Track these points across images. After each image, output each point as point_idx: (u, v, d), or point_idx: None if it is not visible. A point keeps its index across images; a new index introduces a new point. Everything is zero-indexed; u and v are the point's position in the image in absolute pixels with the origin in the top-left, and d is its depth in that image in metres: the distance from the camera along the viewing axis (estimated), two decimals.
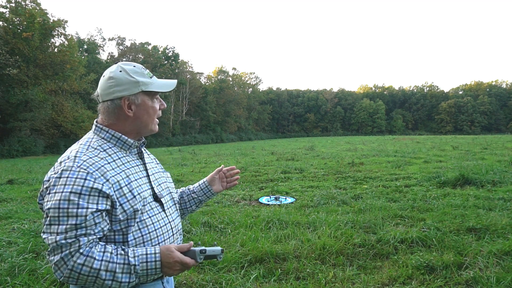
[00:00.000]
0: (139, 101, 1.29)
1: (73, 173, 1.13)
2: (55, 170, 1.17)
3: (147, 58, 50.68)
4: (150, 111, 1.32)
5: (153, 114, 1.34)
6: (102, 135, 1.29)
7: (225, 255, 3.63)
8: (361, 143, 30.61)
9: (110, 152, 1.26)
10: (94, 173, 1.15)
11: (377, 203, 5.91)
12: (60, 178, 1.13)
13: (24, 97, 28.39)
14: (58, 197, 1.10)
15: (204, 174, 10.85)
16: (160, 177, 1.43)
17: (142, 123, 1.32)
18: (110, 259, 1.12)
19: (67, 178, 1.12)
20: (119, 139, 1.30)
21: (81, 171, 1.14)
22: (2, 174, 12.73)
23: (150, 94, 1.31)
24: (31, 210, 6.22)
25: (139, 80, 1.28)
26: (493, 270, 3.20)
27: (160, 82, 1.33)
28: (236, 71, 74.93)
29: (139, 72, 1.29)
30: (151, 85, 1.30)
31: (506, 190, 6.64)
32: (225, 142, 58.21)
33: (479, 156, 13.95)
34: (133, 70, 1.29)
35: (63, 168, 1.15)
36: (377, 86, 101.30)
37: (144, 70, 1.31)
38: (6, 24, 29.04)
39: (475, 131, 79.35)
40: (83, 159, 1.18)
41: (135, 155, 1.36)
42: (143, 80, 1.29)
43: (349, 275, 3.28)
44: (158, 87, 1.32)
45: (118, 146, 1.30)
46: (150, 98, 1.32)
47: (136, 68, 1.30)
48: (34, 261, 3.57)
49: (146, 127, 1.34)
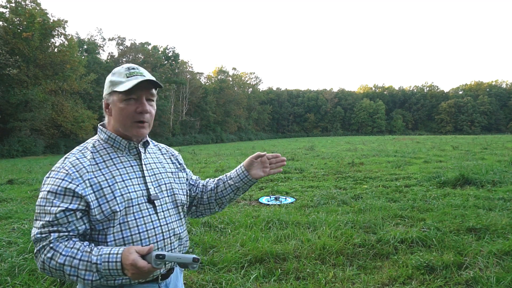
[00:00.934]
0: (111, 101, 1.31)
1: (56, 173, 1.22)
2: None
3: (147, 58, 50.66)
4: (120, 112, 1.28)
5: (124, 115, 1.27)
6: (101, 136, 1.35)
7: (225, 255, 3.64)
8: (361, 143, 30.61)
9: (102, 153, 1.30)
10: (73, 173, 1.21)
11: (377, 203, 5.91)
12: (47, 178, 1.23)
13: (24, 97, 28.39)
14: (40, 195, 1.21)
15: (204, 174, 10.85)
16: (162, 178, 1.38)
17: (117, 124, 1.30)
18: (75, 255, 1.13)
19: (50, 178, 1.22)
20: (115, 140, 1.32)
21: (62, 171, 1.21)
22: (2, 174, 12.73)
23: (124, 94, 1.26)
24: (31, 210, 6.22)
25: (112, 80, 1.29)
26: (493, 270, 3.20)
27: (129, 82, 1.25)
28: (236, 71, 75.02)
29: (118, 73, 1.30)
30: (119, 85, 1.26)
31: (506, 190, 6.64)
32: (225, 142, 58.20)
33: (479, 156, 13.95)
34: (116, 71, 1.31)
35: (52, 168, 1.26)
36: (377, 86, 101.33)
37: (126, 71, 1.29)
38: (6, 24, 29.05)
39: (475, 131, 79.34)
40: (70, 160, 1.25)
41: (134, 156, 1.35)
42: (116, 80, 1.28)
43: (349, 275, 3.28)
44: (122, 86, 1.25)
45: (115, 147, 1.32)
46: (121, 99, 1.26)
47: (121, 68, 1.31)
48: (34, 261, 3.57)
49: (122, 128, 1.30)
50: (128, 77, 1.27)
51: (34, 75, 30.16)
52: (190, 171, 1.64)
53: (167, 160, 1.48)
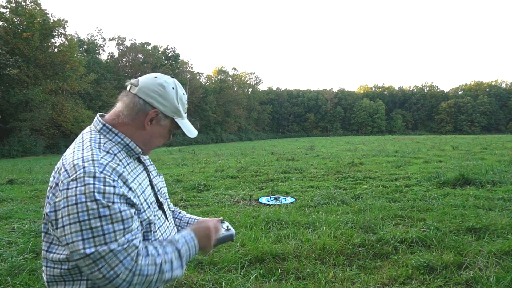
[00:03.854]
0: (163, 124, 1.23)
1: (99, 180, 1.01)
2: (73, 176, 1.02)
3: (147, 58, 50.66)
4: (161, 138, 1.27)
5: (160, 142, 1.28)
6: (110, 136, 1.18)
7: (225, 255, 3.64)
8: (361, 143, 30.60)
9: (120, 157, 1.16)
10: (119, 180, 1.06)
11: (377, 203, 5.91)
12: (84, 185, 1.00)
13: (24, 97, 28.41)
14: (93, 205, 0.98)
15: (204, 174, 10.85)
16: (158, 182, 1.39)
17: (147, 140, 1.24)
18: (166, 251, 1.13)
19: (94, 184, 1.00)
20: (128, 145, 1.20)
21: (107, 177, 1.03)
22: (2, 174, 12.73)
23: (172, 126, 1.27)
24: (31, 210, 6.23)
25: (179, 109, 1.24)
26: (493, 270, 3.20)
27: (188, 125, 1.29)
28: (236, 71, 74.97)
29: (183, 102, 1.27)
30: (181, 120, 1.26)
31: (506, 190, 6.64)
32: (225, 142, 58.20)
33: (479, 156, 13.95)
34: (181, 98, 1.25)
35: (84, 173, 1.01)
36: (377, 86, 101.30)
37: (185, 103, 1.29)
38: (6, 24, 29.06)
39: (475, 131, 79.33)
40: (103, 163, 1.06)
41: (138, 161, 1.30)
42: (181, 110, 1.25)
43: (349, 275, 3.28)
44: (184, 126, 1.27)
45: (125, 151, 1.20)
46: (172, 129, 1.28)
47: (184, 96, 1.28)
48: (34, 261, 3.57)
49: (145, 145, 1.25)
50: (185, 113, 1.29)
51: (34, 75, 30.16)
52: None
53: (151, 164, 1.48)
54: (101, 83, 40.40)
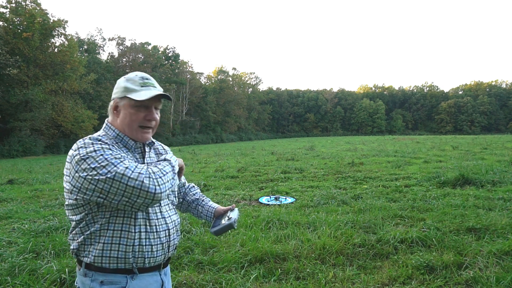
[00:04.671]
0: (122, 104, 1.43)
1: (96, 144, 1.32)
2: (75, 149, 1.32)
3: (147, 58, 50.65)
4: (129, 116, 1.41)
5: (132, 120, 1.41)
6: (109, 132, 1.45)
7: (225, 255, 3.64)
8: (361, 143, 30.61)
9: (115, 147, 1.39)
10: (112, 148, 1.35)
11: (377, 203, 5.91)
12: (86, 149, 1.29)
13: (24, 97, 28.41)
14: (98, 154, 1.27)
15: (204, 174, 10.85)
16: None
17: (124, 126, 1.43)
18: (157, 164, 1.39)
19: (93, 147, 1.30)
20: (123, 138, 1.45)
21: (103, 144, 1.32)
22: (2, 174, 12.73)
23: (134, 101, 1.39)
24: (31, 210, 6.23)
25: (126, 86, 1.41)
26: (493, 270, 3.20)
27: (143, 93, 1.40)
28: (236, 71, 74.99)
29: (133, 80, 1.42)
30: (133, 93, 1.39)
31: (506, 190, 6.64)
32: (225, 142, 58.20)
33: (479, 156, 13.95)
34: (130, 78, 1.43)
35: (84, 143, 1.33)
36: (377, 86, 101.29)
37: (140, 80, 1.42)
38: (6, 24, 29.07)
39: (475, 131, 79.34)
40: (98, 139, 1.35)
41: (139, 154, 1.50)
42: (130, 86, 1.40)
43: (349, 275, 3.28)
44: (137, 95, 1.39)
45: (122, 144, 1.44)
46: (133, 105, 1.40)
47: (135, 76, 1.43)
48: (34, 261, 3.57)
49: (128, 131, 1.44)
50: (142, 87, 1.41)
51: (34, 75, 30.17)
52: None
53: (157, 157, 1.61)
54: (101, 83, 40.41)
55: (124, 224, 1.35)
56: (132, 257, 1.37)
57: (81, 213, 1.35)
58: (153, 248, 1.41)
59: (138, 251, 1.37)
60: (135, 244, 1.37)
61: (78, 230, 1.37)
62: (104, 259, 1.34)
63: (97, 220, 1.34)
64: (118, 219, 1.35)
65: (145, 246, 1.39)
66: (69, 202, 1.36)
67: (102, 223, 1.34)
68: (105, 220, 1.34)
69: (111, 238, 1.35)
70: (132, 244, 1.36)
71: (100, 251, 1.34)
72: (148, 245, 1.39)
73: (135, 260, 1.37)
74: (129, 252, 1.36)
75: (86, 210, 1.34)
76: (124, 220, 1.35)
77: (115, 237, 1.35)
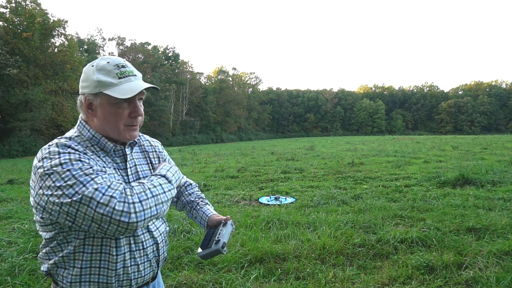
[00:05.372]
0: (98, 103, 1.17)
1: (63, 154, 1.07)
2: (39, 159, 1.09)
3: (147, 58, 50.64)
4: (110, 116, 1.17)
5: (115, 120, 1.17)
6: (84, 132, 1.21)
7: (225, 255, 3.64)
8: (361, 143, 30.60)
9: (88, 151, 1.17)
10: (82, 155, 1.12)
11: (377, 203, 5.91)
12: (52, 161, 1.06)
13: (24, 97, 28.40)
14: (64, 170, 1.03)
15: (204, 174, 10.85)
16: None
17: (104, 127, 1.19)
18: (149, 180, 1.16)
19: (60, 158, 1.06)
20: (99, 140, 1.21)
21: (71, 152, 1.09)
22: (2, 174, 12.73)
23: (113, 98, 1.14)
24: (31, 210, 6.22)
25: (100, 80, 1.14)
26: (493, 270, 3.20)
27: (126, 86, 1.15)
28: (236, 71, 74.94)
29: (106, 70, 1.15)
30: (111, 88, 1.13)
31: (506, 190, 6.64)
32: (225, 142, 58.18)
33: (479, 156, 13.95)
34: (101, 67, 1.15)
35: (49, 152, 1.08)
36: (377, 86, 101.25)
37: (115, 69, 1.16)
38: (6, 24, 29.05)
39: (475, 131, 79.32)
40: (66, 144, 1.12)
41: (119, 157, 1.26)
42: (105, 80, 1.14)
43: (349, 275, 3.28)
44: (118, 91, 1.13)
45: (99, 147, 1.21)
46: (112, 102, 1.15)
47: (107, 64, 1.16)
48: (34, 261, 3.57)
49: (111, 132, 1.20)
50: (120, 78, 1.15)
51: (34, 75, 30.15)
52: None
53: (152, 160, 1.39)
54: None
55: (103, 245, 1.13)
56: (116, 281, 1.17)
57: (51, 231, 1.13)
58: (140, 267, 1.22)
59: (122, 273, 1.17)
60: (118, 267, 1.16)
61: (49, 249, 1.17)
62: (83, 284, 1.14)
63: (70, 241, 1.13)
64: (96, 240, 1.13)
65: (130, 267, 1.19)
66: (36, 218, 1.15)
67: (76, 244, 1.12)
68: (79, 242, 1.12)
69: (89, 261, 1.14)
70: (115, 268, 1.15)
71: (77, 277, 1.14)
72: (134, 265, 1.20)
73: (119, 284, 1.18)
74: (112, 277, 1.16)
75: (56, 229, 1.12)
76: (103, 241, 1.13)
77: (93, 260, 1.14)
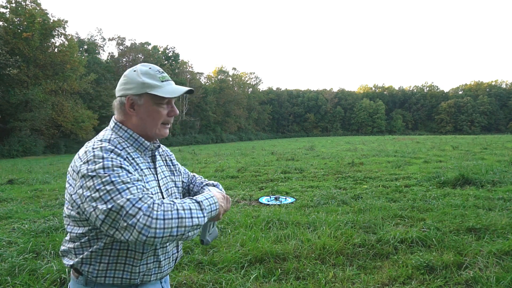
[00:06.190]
0: (142, 102, 1.31)
1: (107, 159, 1.17)
2: (85, 160, 1.18)
3: (147, 58, 50.64)
4: (153, 114, 1.32)
5: (156, 118, 1.33)
6: (120, 133, 1.32)
7: (225, 255, 3.64)
8: (361, 143, 30.60)
9: (129, 151, 1.29)
10: (124, 161, 1.21)
11: (377, 203, 5.91)
12: (96, 164, 1.15)
13: (24, 97, 28.43)
14: (105, 175, 1.13)
15: (204, 174, 10.85)
16: (167, 182, 1.44)
17: (145, 124, 1.32)
18: (181, 202, 1.19)
19: (103, 162, 1.16)
20: (137, 140, 1.33)
21: (113, 158, 1.18)
22: (2, 174, 12.73)
23: (157, 98, 1.30)
24: (31, 210, 6.22)
25: (145, 82, 1.29)
26: (493, 270, 3.20)
27: (169, 88, 1.31)
28: (236, 71, 74.97)
29: (150, 74, 1.30)
30: (157, 89, 1.29)
31: (506, 190, 6.64)
32: (225, 142, 58.20)
33: (479, 156, 13.95)
34: (145, 71, 1.31)
35: (94, 155, 1.18)
36: (377, 86, 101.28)
37: (158, 73, 1.32)
38: (6, 24, 29.08)
39: (475, 131, 79.33)
40: (109, 149, 1.21)
41: (149, 158, 1.39)
42: (151, 82, 1.29)
43: (349, 275, 3.28)
44: (164, 92, 1.30)
45: (134, 147, 1.33)
46: (156, 102, 1.31)
47: (150, 70, 1.32)
48: (34, 261, 3.57)
49: (149, 130, 1.34)
50: (162, 81, 1.31)
51: (34, 75, 30.18)
52: (181, 167, 1.70)
53: (165, 163, 1.52)
54: (101, 83, 40.41)
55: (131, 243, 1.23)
56: (138, 277, 1.29)
57: (85, 227, 1.23)
58: (161, 263, 1.35)
59: (146, 270, 1.30)
60: (142, 264, 1.28)
61: (78, 244, 1.25)
62: (107, 279, 1.26)
63: (101, 237, 1.23)
64: None
65: (153, 263, 1.32)
66: (71, 213, 1.25)
67: (106, 241, 1.23)
68: (109, 239, 1.22)
69: (116, 257, 1.25)
70: (139, 265, 1.28)
71: (104, 271, 1.25)
72: (155, 261, 1.33)
73: (141, 278, 1.30)
74: (136, 273, 1.28)
75: (90, 225, 1.22)
76: None
77: (120, 256, 1.25)
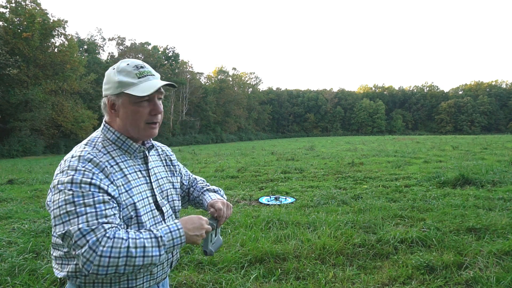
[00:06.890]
0: (120, 103, 1.24)
1: (80, 172, 1.11)
2: (61, 169, 1.16)
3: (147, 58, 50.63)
4: (132, 114, 1.23)
5: (136, 118, 1.24)
6: (108, 135, 1.27)
7: (225, 255, 3.64)
8: (361, 143, 30.60)
9: (114, 155, 1.24)
10: (100, 174, 1.15)
11: (377, 203, 5.91)
12: (67, 176, 1.11)
13: (24, 97, 28.42)
14: (66, 194, 1.08)
15: (204, 174, 10.85)
16: (164, 184, 1.40)
17: (128, 125, 1.25)
18: (136, 236, 1.09)
19: (72, 176, 1.10)
20: (124, 142, 1.27)
21: (87, 170, 1.12)
22: (2, 174, 12.73)
23: (134, 97, 1.21)
24: (31, 210, 6.22)
25: (121, 80, 1.21)
26: (493, 270, 3.20)
27: (145, 85, 1.22)
28: (236, 71, 74.96)
29: (126, 71, 1.23)
30: (132, 87, 1.20)
31: (506, 190, 6.64)
32: (225, 142, 58.19)
33: (479, 156, 13.95)
34: (122, 69, 1.23)
35: (66, 168, 1.14)
36: (377, 86, 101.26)
37: (134, 70, 1.23)
38: (6, 24, 29.07)
39: (475, 131, 79.32)
40: (88, 158, 1.16)
41: (140, 159, 1.33)
42: (125, 80, 1.21)
43: (349, 275, 3.28)
44: (138, 90, 1.20)
45: (123, 149, 1.28)
46: (134, 101, 1.22)
47: (127, 66, 1.24)
48: (34, 261, 3.57)
49: (132, 131, 1.26)
50: (139, 78, 1.22)
51: (34, 75, 30.17)
52: (182, 166, 1.64)
53: (164, 163, 1.47)
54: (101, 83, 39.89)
55: None
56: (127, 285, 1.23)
57: None
58: (153, 271, 1.28)
59: (135, 278, 1.24)
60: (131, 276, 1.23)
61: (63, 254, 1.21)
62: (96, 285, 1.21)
63: None
64: None
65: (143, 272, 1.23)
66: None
67: None
68: None
69: None
70: (127, 278, 1.22)
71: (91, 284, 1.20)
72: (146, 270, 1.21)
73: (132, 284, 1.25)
74: (124, 281, 1.22)
75: None
76: None
77: None
